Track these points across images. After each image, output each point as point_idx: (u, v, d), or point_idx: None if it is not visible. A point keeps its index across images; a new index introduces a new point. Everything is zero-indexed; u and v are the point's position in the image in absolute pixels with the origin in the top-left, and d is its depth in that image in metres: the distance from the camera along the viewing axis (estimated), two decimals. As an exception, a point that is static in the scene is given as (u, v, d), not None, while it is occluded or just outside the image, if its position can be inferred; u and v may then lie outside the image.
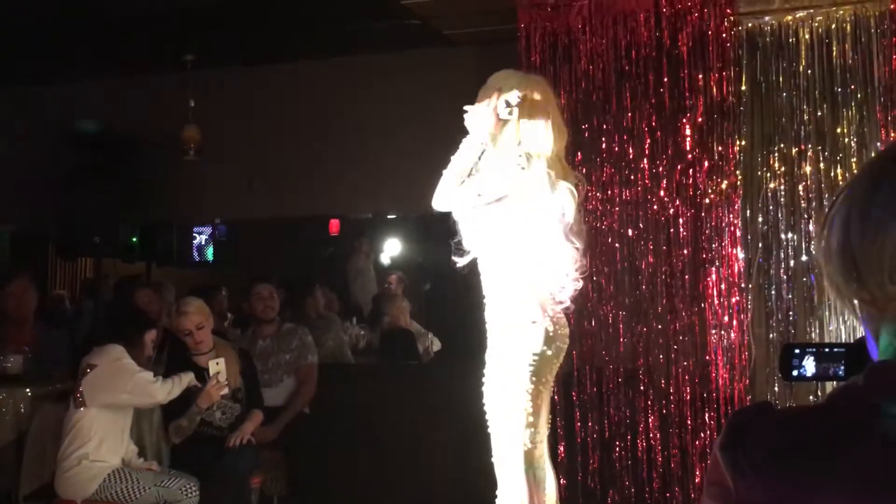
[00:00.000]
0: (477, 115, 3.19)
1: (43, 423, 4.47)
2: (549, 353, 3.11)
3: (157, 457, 4.45)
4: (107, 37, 5.94)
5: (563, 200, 3.15)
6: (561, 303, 3.17)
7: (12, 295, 5.16)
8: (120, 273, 7.29)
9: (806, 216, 4.40)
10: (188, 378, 4.33)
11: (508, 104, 3.16)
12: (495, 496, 3.17)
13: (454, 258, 3.23)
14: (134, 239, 7.08)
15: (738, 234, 4.40)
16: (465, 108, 3.24)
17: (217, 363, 4.45)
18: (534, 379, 3.08)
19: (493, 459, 3.16)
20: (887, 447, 0.89)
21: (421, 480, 5.09)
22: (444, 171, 3.22)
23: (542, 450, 3.20)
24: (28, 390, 4.65)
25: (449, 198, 3.19)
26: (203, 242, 8.37)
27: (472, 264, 3.26)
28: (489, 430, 3.17)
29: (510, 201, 3.12)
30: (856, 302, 1.00)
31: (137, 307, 5.11)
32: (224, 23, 5.70)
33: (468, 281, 3.28)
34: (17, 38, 5.83)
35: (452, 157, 3.23)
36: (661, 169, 4.53)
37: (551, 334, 3.11)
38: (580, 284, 3.22)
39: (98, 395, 4.13)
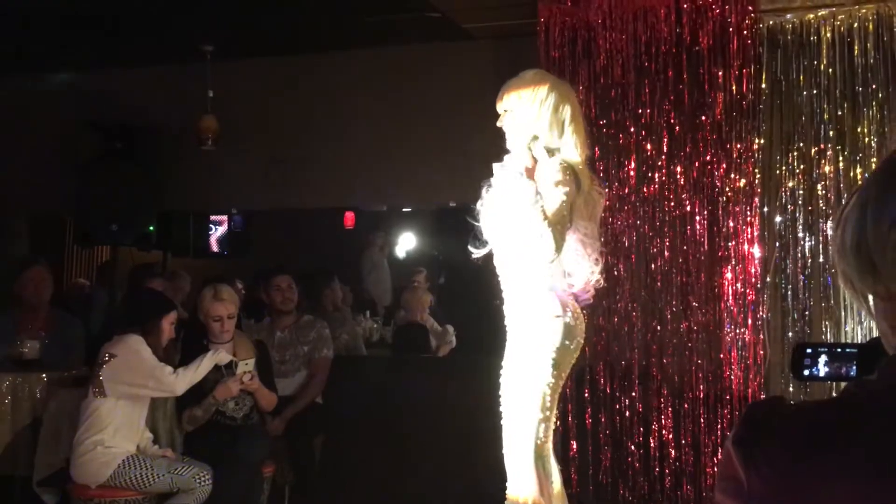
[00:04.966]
0: (511, 167, 3.09)
1: (58, 409, 4.49)
2: (570, 346, 3.14)
3: (171, 444, 4.47)
4: (127, 26, 5.97)
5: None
6: (579, 298, 3.20)
7: (30, 281, 5.20)
8: (136, 261, 7.32)
9: (824, 216, 4.37)
10: (213, 357, 4.34)
11: (548, 149, 3.15)
12: (505, 488, 3.17)
13: (470, 248, 3.22)
14: (150, 228, 7.10)
15: (756, 232, 4.38)
16: (494, 165, 3.14)
17: (247, 363, 4.47)
18: (554, 373, 3.10)
19: (503, 451, 3.17)
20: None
21: (431, 472, 5.09)
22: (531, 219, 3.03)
23: (550, 442, 3.22)
24: (44, 375, 4.69)
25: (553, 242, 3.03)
26: (218, 233, 8.39)
27: (487, 259, 3.25)
28: (502, 422, 3.17)
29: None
30: (870, 297, 1.00)
31: (154, 291, 5.12)
32: (243, 14, 5.71)
33: (482, 275, 3.27)
34: (36, 26, 5.87)
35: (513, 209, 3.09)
36: (679, 166, 4.51)
37: (572, 328, 3.13)
38: (600, 281, 3.23)
39: (118, 387, 4.15)
